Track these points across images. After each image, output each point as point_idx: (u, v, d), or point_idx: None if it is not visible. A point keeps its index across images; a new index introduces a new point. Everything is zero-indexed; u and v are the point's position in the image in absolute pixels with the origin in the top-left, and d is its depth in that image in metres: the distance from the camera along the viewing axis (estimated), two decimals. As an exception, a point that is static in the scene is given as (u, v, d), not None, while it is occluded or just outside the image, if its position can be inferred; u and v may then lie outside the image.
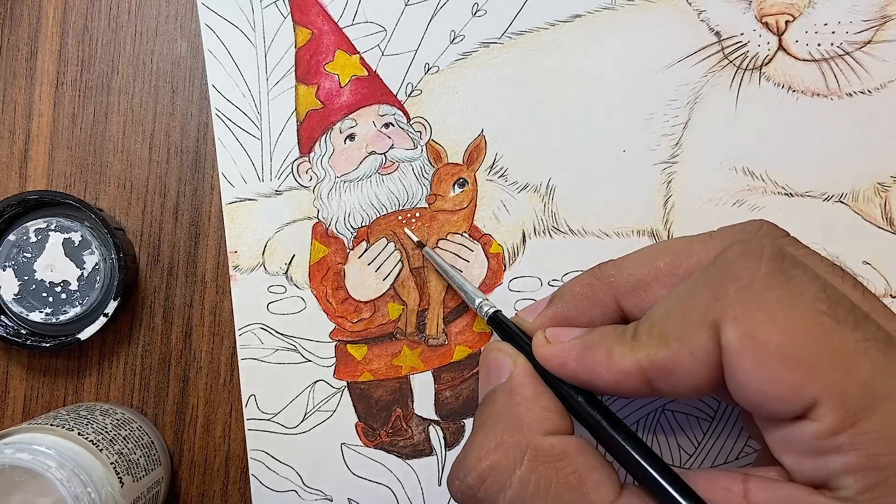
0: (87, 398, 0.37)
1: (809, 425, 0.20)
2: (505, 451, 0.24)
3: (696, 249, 0.25)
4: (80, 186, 0.37)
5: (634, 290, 0.26)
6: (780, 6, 0.34)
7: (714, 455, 0.35)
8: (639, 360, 0.23)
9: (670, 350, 0.22)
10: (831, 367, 0.20)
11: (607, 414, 0.25)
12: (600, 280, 0.27)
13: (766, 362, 0.20)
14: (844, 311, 0.21)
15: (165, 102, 0.36)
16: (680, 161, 0.35)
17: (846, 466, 0.20)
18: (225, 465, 0.36)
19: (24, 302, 0.34)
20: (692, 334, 0.22)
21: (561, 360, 0.25)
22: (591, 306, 0.27)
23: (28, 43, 0.37)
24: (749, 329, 0.21)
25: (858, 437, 0.20)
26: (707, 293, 0.22)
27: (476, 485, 0.24)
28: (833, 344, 0.20)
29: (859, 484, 0.20)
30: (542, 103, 0.35)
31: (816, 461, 0.20)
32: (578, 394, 0.25)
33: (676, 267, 0.25)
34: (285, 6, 0.35)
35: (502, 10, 0.35)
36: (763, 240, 0.23)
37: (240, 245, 0.36)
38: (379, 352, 0.35)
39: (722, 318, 0.21)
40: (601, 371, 0.24)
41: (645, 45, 0.35)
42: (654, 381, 0.23)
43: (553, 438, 0.24)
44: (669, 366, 0.22)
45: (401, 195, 0.35)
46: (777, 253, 0.22)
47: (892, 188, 0.34)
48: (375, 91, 0.35)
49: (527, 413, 0.25)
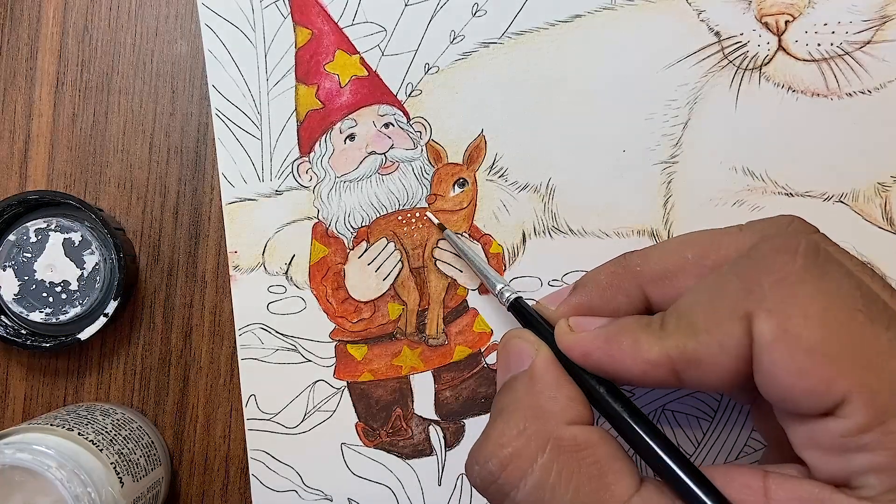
0: (87, 398, 0.37)
1: (837, 422, 0.20)
2: (527, 438, 0.24)
3: (724, 242, 0.25)
4: (80, 186, 0.37)
5: (661, 279, 0.26)
6: (779, 6, 0.34)
7: (714, 455, 0.35)
8: (667, 351, 0.23)
9: (699, 341, 0.22)
10: (863, 365, 0.20)
11: (629, 405, 0.25)
12: (626, 269, 0.27)
13: (798, 356, 0.20)
14: (878, 310, 0.21)
15: (165, 102, 0.36)
16: (680, 161, 0.35)
17: (871, 466, 0.20)
18: (225, 465, 0.36)
19: (24, 302, 0.34)
20: (723, 325, 0.22)
21: (585, 349, 0.25)
22: (616, 295, 0.27)
23: (28, 43, 0.37)
24: (782, 322, 0.21)
25: (886, 436, 0.19)
26: (739, 285, 0.22)
27: (497, 471, 0.24)
28: (866, 342, 0.20)
29: (884, 484, 0.19)
30: (543, 103, 0.35)
31: (841, 459, 0.20)
32: (600, 384, 0.25)
33: (704, 258, 0.25)
34: (285, 6, 0.35)
35: (502, 11, 0.35)
36: (798, 234, 0.23)
37: (240, 245, 0.36)
38: (379, 352, 0.35)
39: (755, 311, 0.21)
40: (627, 361, 0.24)
41: (645, 45, 0.35)
42: (681, 372, 0.23)
43: (576, 429, 0.24)
44: (698, 356, 0.22)
45: (401, 195, 0.35)
46: (813, 248, 0.22)
47: (892, 188, 0.34)
48: (375, 91, 0.35)
49: (549, 402, 0.25)
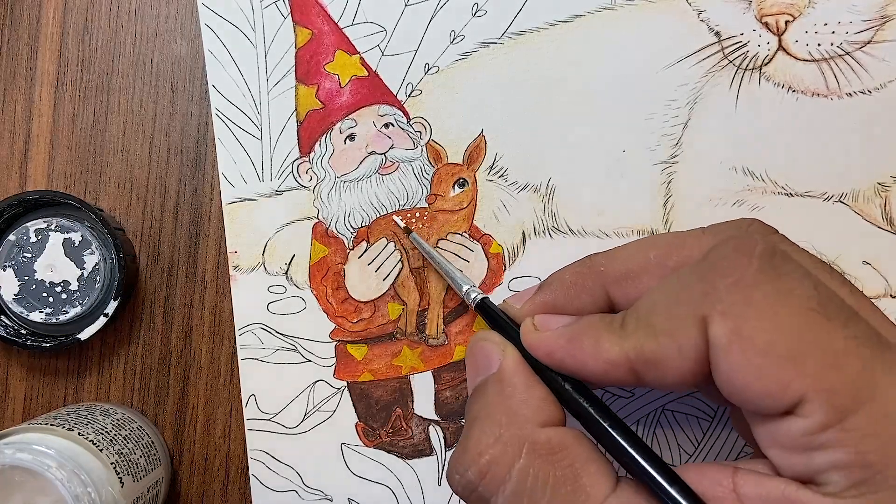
0: (87, 398, 0.37)
1: (797, 421, 0.20)
2: (503, 445, 0.24)
3: (687, 243, 0.25)
4: (80, 186, 0.37)
5: (624, 279, 0.26)
6: (780, 6, 0.34)
7: (714, 454, 0.35)
8: (626, 351, 0.23)
9: (658, 342, 0.22)
10: (820, 364, 0.20)
11: (595, 402, 0.25)
12: (590, 269, 0.27)
13: (753, 358, 0.20)
14: (835, 309, 0.21)
15: (165, 102, 0.36)
16: (680, 161, 0.35)
17: (833, 463, 0.20)
18: (225, 465, 0.36)
19: (24, 302, 0.34)
20: (680, 328, 0.22)
21: (549, 348, 0.25)
22: (579, 294, 0.27)
23: (28, 43, 0.37)
24: (737, 324, 0.21)
25: (846, 433, 0.20)
26: (696, 288, 0.22)
27: (477, 480, 0.24)
28: (822, 340, 0.20)
29: (846, 480, 0.20)
30: (542, 103, 0.35)
31: (803, 457, 0.20)
32: (566, 382, 0.25)
33: (667, 259, 0.25)
34: (285, 6, 0.35)
35: (502, 11, 0.35)
36: (755, 236, 0.23)
37: (240, 245, 0.36)
38: (379, 352, 0.35)
39: (710, 314, 0.21)
40: (588, 361, 0.24)
41: (645, 45, 0.35)
42: (640, 372, 0.23)
43: (550, 431, 0.24)
44: (656, 358, 0.22)
45: (401, 195, 0.35)
46: (768, 249, 0.22)
47: (892, 188, 0.34)
48: (375, 91, 0.35)
49: (521, 405, 0.25)
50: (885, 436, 0.19)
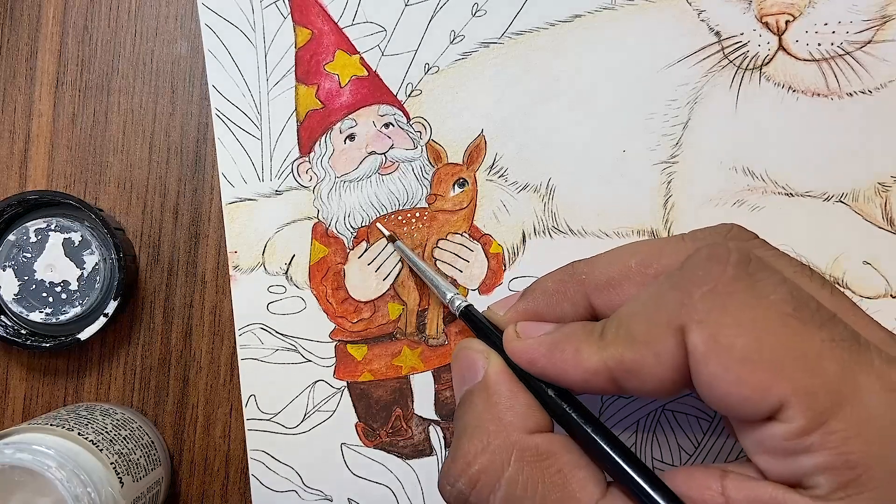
0: (87, 398, 0.37)
1: (779, 427, 0.20)
2: (492, 454, 0.24)
3: (667, 251, 0.25)
4: (80, 186, 0.37)
5: (605, 287, 0.26)
6: (780, 6, 0.34)
7: (714, 455, 0.35)
8: (605, 360, 0.23)
9: (637, 351, 0.22)
10: (797, 368, 0.20)
11: (579, 408, 0.25)
12: (572, 276, 0.27)
13: (731, 365, 0.20)
14: (811, 312, 0.21)
15: (165, 102, 0.36)
16: (680, 161, 0.35)
17: (818, 466, 0.20)
18: (225, 465, 0.36)
19: (24, 302, 0.34)
20: (658, 338, 0.22)
21: (530, 356, 0.25)
22: (561, 302, 0.27)
23: (28, 43, 0.37)
24: (714, 333, 0.21)
25: (828, 436, 0.20)
26: (673, 297, 0.22)
27: (467, 490, 0.24)
28: (799, 345, 0.20)
29: (832, 483, 0.20)
30: (542, 103, 0.35)
31: (789, 461, 0.21)
32: (549, 388, 0.25)
33: (647, 266, 0.25)
34: (285, 6, 0.35)
35: (502, 10, 0.35)
36: (730, 243, 0.23)
37: (240, 245, 0.36)
38: (379, 352, 0.35)
39: (687, 323, 0.21)
40: (569, 369, 0.24)
41: (645, 45, 0.35)
42: (620, 380, 0.23)
43: (538, 437, 0.24)
44: (635, 368, 0.22)
45: (401, 195, 0.35)
46: (743, 256, 0.22)
47: (892, 188, 0.34)
48: (375, 91, 0.35)
49: (507, 412, 0.25)
50: (867, 436, 0.19)
